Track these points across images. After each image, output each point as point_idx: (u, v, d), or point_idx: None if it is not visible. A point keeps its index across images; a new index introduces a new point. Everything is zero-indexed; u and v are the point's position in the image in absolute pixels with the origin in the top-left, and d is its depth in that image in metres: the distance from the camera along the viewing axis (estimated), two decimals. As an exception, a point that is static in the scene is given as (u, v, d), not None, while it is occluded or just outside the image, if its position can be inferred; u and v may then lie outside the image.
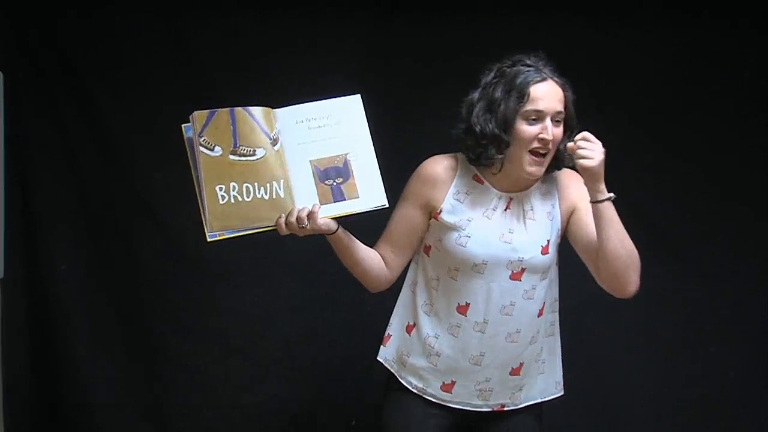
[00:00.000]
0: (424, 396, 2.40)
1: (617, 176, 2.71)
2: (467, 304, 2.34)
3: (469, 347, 2.34)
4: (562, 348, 2.44)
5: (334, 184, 2.32)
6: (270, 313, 3.03)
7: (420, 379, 2.40)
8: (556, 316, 2.44)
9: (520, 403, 2.42)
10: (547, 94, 2.27)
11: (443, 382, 2.38)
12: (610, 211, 2.21)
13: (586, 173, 2.19)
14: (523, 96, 2.25)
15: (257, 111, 2.31)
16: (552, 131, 2.26)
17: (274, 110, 2.33)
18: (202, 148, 2.28)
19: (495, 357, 2.34)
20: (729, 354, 2.99)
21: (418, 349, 2.40)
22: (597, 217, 2.22)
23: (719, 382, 2.99)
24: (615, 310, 2.85)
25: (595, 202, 2.21)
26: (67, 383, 3.02)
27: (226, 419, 3.06)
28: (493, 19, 2.78)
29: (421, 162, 2.41)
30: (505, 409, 2.41)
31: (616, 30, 2.93)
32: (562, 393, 2.47)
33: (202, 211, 2.30)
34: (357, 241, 2.37)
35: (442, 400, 2.39)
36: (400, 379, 2.44)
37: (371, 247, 2.41)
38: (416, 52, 2.45)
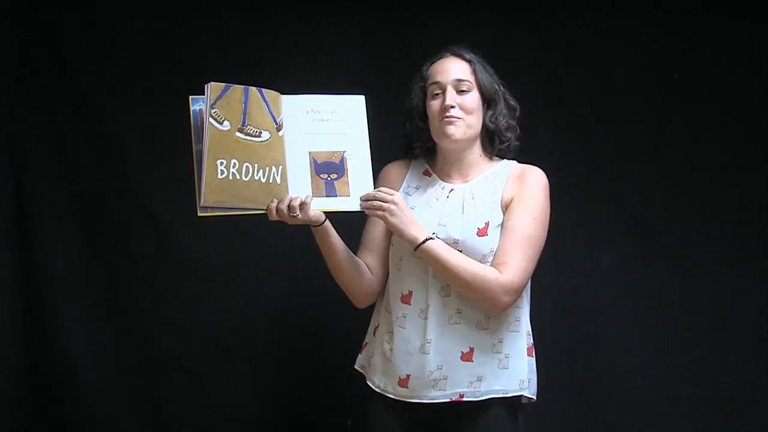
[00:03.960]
0: (386, 394, 2.40)
1: (612, 176, 2.97)
2: (410, 293, 2.37)
3: (416, 336, 2.35)
4: (558, 349, 2.47)
5: (329, 179, 2.35)
6: (266, 313, 2.97)
7: (381, 377, 2.42)
8: (522, 312, 2.40)
9: (481, 396, 2.34)
10: (444, 66, 2.40)
11: (399, 377, 2.37)
12: (430, 252, 2.28)
13: (391, 228, 2.30)
14: (425, 78, 2.43)
15: (268, 94, 2.32)
16: (455, 98, 2.35)
17: (282, 96, 2.35)
18: (211, 120, 2.25)
19: (441, 342, 2.33)
20: (727, 354, 2.98)
21: (379, 348, 2.43)
22: (425, 259, 2.31)
23: (717, 382, 2.98)
24: (612, 309, 2.95)
25: (416, 248, 2.29)
26: (62, 384, 2.91)
27: (223, 419, 2.94)
28: (492, 20, 2.85)
29: None
30: (465, 399, 2.34)
31: (611, 27, 2.97)
32: (527, 394, 2.39)
33: (197, 184, 2.26)
34: (341, 240, 2.39)
35: (402, 397, 2.38)
36: (368, 383, 2.45)
37: None
38: (416, 50, 2.49)
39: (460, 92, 2.38)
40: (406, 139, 2.52)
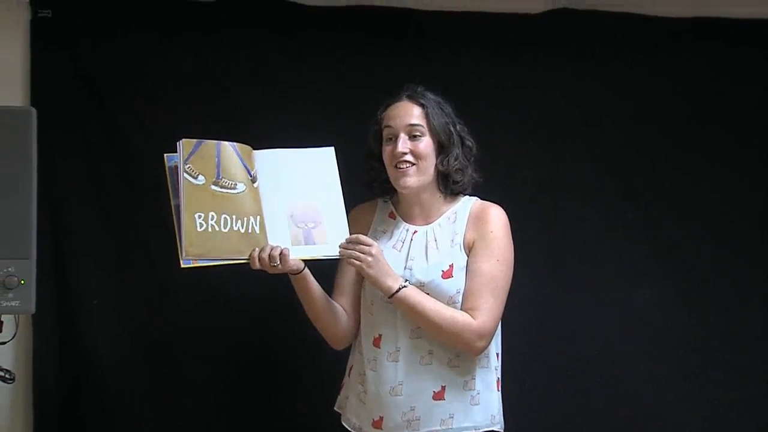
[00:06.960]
0: None
1: (623, 190, 2.99)
2: (380, 336, 2.40)
3: (387, 379, 2.37)
4: (559, 357, 2.52)
5: (306, 227, 2.39)
6: (297, 344, 2.90)
7: (356, 417, 2.44)
8: (489, 349, 2.41)
9: None
10: (397, 111, 2.43)
11: (372, 419, 2.39)
12: (404, 301, 2.32)
13: (367, 278, 2.34)
14: (380, 122, 2.48)
15: (240, 148, 2.38)
16: (407, 144, 2.38)
17: (254, 151, 2.41)
18: (186, 175, 2.30)
19: (413, 384, 2.36)
20: (732, 368, 2.98)
21: (353, 389, 2.45)
22: (399, 307, 2.35)
23: (722, 394, 2.99)
24: (617, 324, 2.96)
25: (390, 297, 2.32)
26: (98, 420, 2.91)
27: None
28: (499, 56, 2.90)
29: None
30: None
31: (619, 52, 3.01)
32: (498, 428, 2.43)
33: (178, 237, 2.29)
34: (320, 287, 2.42)
35: None
36: (344, 423, 2.47)
37: None
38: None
39: (413, 137, 2.41)
40: (367, 178, 2.55)
